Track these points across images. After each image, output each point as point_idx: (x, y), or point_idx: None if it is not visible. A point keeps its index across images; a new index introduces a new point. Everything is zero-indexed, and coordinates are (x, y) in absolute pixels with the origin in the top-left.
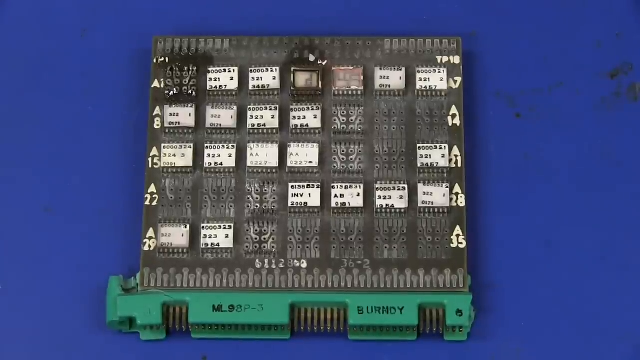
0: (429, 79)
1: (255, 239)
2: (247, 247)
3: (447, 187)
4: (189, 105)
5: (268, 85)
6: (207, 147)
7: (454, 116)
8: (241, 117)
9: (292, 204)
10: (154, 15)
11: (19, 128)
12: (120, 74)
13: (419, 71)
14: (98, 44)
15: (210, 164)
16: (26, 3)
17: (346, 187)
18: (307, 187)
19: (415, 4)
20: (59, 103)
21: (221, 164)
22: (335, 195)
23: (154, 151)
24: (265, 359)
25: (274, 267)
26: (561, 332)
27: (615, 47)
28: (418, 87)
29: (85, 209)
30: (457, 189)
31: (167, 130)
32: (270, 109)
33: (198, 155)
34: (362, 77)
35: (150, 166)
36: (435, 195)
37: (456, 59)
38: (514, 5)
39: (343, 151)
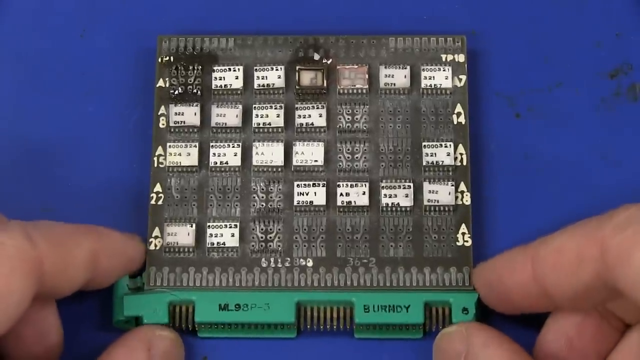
0: (433, 77)
1: (261, 237)
2: (252, 245)
3: (452, 185)
4: (194, 105)
5: (273, 84)
6: (212, 146)
7: (458, 114)
8: (246, 116)
9: (298, 203)
10: (158, 14)
11: (22, 127)
12: (125, 73)
13: (423, 69)
14: (103, 44)
15: (216, 163)
16: (27, 3)
17: (351, 186)
18: (312, 186)
19: (418, 3)
20: (63, 103)
21: (226, 162)
22: (341, 194)
23: (160, 150)
24: (271, 357)
25: (280, 265)
26: None
27: (615, 47)
28: (423, 85)
29: (89, 209)
30: (462, 187)
31: (172, 130)
32: (276, 108)
33: (203, 154)
34: (367, 76)
35: (155, 165)
36: (441, 193)
37: (461, 57)
38: (513, 5)
39: (348, 150)
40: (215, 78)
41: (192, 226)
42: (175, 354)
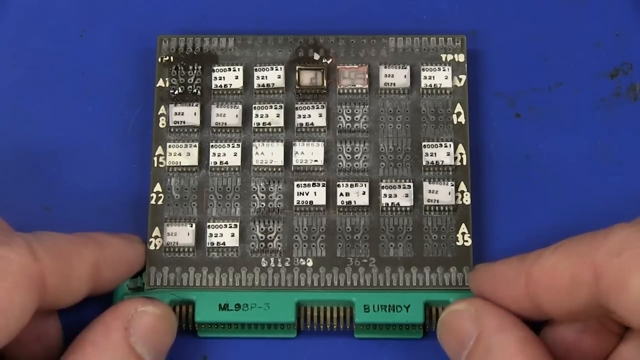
0: (433, 77)
1: (261, 237)
2: (252, 245)
3: (452, 185)
4: (194, 104)
5: (273, 84)
6: (212, 146)
7: (458, 114)
8: (246, 115)
9: (298, 203)
10: (158, 14)
11: (22, 128)
12: (125, 73)
13: (423, 69)
14: (103, 44)
15: (216, 162)
16: (27, 3)
17: (351, 186)
18: (312, 186)
19: (418, 3)
20: (63, 103)
21: (226, 162)
22: (341, 194)
23: (159, 150)
24: (271, 357)
25: (280, 265)
26: None
27: (615, 47)
28: (423, 85)
29: (89, 209)
30: (462, 187)
31: (172, 130)
32: (276, 108)
33: (203, 154)
34: (367, 76)
35: (155, 165)
36: (441, 193)
37: (461, 57)
38: (513, 5)
39: (348, 149)
40: (215, 78)
41: (192, 226)
42: (160, 331)
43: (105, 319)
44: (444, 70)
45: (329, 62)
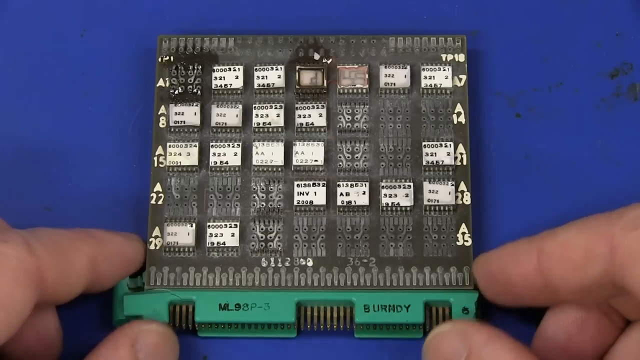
0: (434, 77)
1: (261, 237)
2: (252, 245)
3: (452, 185)
4: (194, 104)
5: (273, 83)
6: (212, 145)
7: (459, 114)
8: (246, 115)
9: (298, 203)
10: (158, 14)
11: (22, 127)
12: (125, 73)
13: (423, 69)
14: (103, 44)
15: (216, 162)
16: (27, 3)
17: (352, 186)
18: (312, 186)
19: (418, 3)
20: (63, 103)
21: (227, 162)
22: (341, 194)
23: (160, 150)
24: (271, 357)
25: (280, 265)
26: None
27: (615, 47)
28: (423, 85)
29: (89, 208)
30: (462, 187)
31: (172, 129)
32: (276, 108)
33: (203, 154)
34: (367, 76)
35: (155, 165)
36: (441, 193)
37: (461, 57)
38: (513, 5)
39: (348, 149)
40: (215, 78)
41: (192, 226)
42: (164, 348)
43: (113, 337)
44: (444, 70)
45: (329, 62)
